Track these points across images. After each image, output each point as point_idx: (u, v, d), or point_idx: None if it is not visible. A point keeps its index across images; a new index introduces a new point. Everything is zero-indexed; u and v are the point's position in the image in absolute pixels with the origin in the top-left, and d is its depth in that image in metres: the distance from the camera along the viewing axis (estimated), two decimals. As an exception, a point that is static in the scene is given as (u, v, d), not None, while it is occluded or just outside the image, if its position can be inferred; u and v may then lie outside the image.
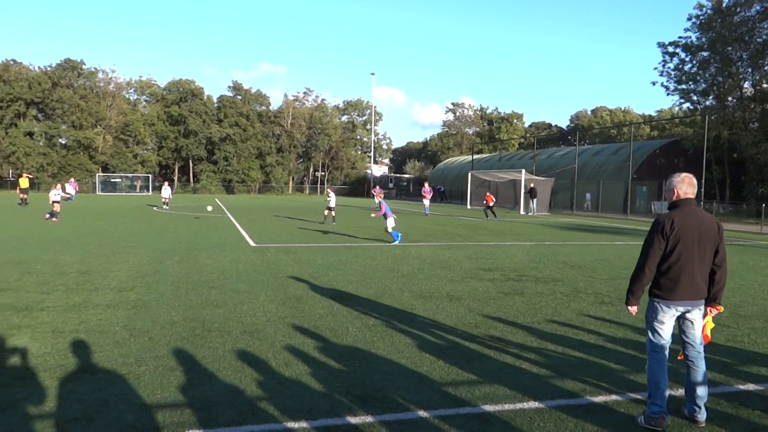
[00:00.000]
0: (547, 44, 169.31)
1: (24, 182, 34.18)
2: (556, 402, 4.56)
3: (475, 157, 61.25)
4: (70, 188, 43.10)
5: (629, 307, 4.33)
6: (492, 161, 57.74)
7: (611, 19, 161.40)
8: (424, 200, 33.30)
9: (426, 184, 34.24)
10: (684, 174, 4.30)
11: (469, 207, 40.19)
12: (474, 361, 5.54)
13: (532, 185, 36.03)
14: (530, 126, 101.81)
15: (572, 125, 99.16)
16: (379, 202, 16.29)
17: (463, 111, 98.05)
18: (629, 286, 4.30)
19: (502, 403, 4.50)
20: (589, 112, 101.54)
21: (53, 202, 23.34)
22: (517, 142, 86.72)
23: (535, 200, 35.65)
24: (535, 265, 12.16)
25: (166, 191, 34.40)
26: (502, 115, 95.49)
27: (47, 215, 22.43)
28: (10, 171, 68.12)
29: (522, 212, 36.37)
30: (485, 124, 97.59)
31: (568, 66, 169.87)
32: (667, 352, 4.25)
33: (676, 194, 4.24)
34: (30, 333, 6.23)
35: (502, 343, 6.18)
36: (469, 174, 44.86)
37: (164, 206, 33.55)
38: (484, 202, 31.25)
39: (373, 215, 18.40)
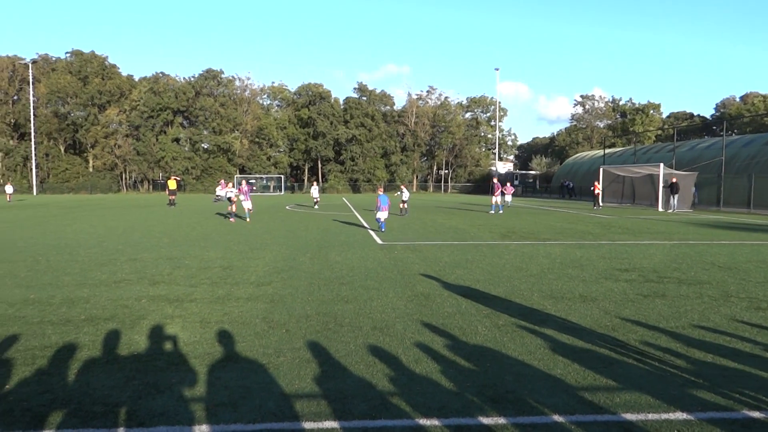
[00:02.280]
0: (686, 28, 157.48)
1: (172, 184, 37.17)
2: (707, 414, 4.20)
3: (607, 151, 58.39)
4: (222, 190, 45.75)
5: None
6: (626, 155, 54.62)
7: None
8: (506, 196, 33.28)
9: (495, 180, 31.52)
10: None
11: (600, 204, 38.24)
12: (612, 366, 5.25)
13: (674, 180, 33.49)
14: (668, 117, 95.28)
15: (718, 114, 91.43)
16: (379, 196, 19.36)
17: (593, 103, 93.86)
18: None
19: (645, 412, 4.22)
20: (737, 99, 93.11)
21: (231, 200, 24.29)
22: (654, 135, 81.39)
23: (676, 196, 33.16)
24: (678, 266, 11.32)
25: (315, 191, 35.47)
26: (637, 106, 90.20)
27: (231, 218, 23.49)
28: (161, 174, 74.76)
29: (660, 209, 34.05)
30: (618, 116, 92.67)
31: (712, 50, 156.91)
32: None
33: None
34: (181, 323, 6.77)
35: (643, 349, 5.80)
36: (601, 169, 42.74)
37: (315, 206, 34.42)
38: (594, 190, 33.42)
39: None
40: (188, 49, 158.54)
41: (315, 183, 37.49)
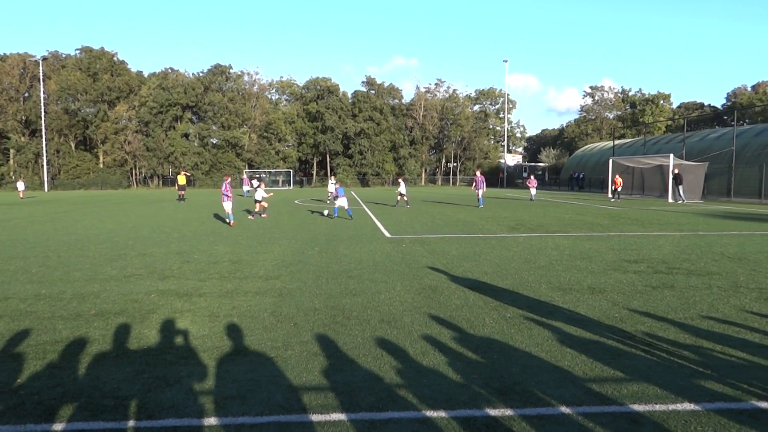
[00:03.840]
0: (696, 15, 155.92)
1: (182, 179, 37.24)
2: (714, 405, 4.19)
3: (617, 142, 58.03)
4: (247, 186, 45.28)
5: None
6: (635, 146, 54.23)
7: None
8: (531, 189, 36.43)
9: (478, 172, 30.58)
10: None
11: (610, 196, 38.07)
12: (620, 358, 5.25)
13: (676, 171, 33.30)
14: (679, 107, 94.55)
15: (729, 104, 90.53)
16: (336, 187, 22.62)
17: (602, 94, 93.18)
18: None
19: (652, 403, 4.22)
20: (749, 89, 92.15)
21: (257, 201, 22.69)
22: (664, 125, 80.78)
23: (680, 187, 32.92)
24: (687, 257, 11.26)
25: (332, 185, 35.31)
26: (647, 96, 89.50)
27: (251, 216, 22.14)
28: (170, 169, 75.02)
29: (670, 200, 33.83)
30: (627, 107, 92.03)
31: (723, 38, 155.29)
32: None
33: None
34: (191, 316, 6.82)
35: (651, 340, 5.79)
36: (610, 160, 42.46)
37: (328, 201, 34.42)
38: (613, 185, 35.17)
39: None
40: (197, 44, 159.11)
41: (332, 177, 37.50)
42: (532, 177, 38.14)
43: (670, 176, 34.48)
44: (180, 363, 5.15)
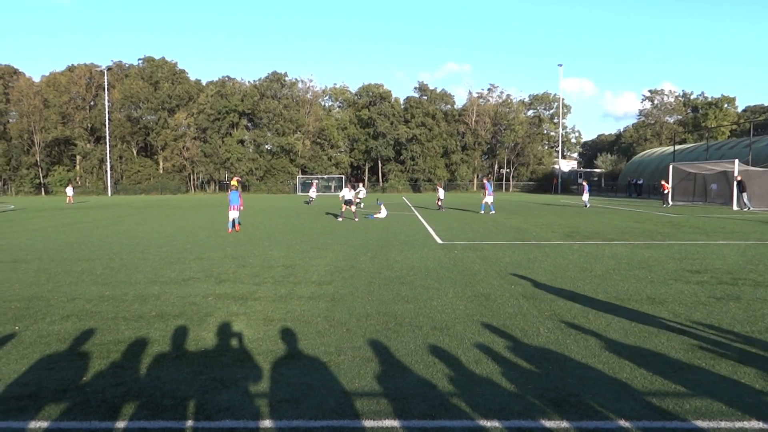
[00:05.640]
0: (762, 17, 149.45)
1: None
2: (786, 424, 3.99)
3: (678, 147, 56.15)
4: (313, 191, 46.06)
5: None
6: (697, 152, 52.33)
7: None
8: (584, 195, 35.19)
9: (485, 180, 30.20)
10: None
11: (670, 202, 36.80)
12: (682, 371, 5.05)
13: (738, 178, 31.94)
14: (744, 110, 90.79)
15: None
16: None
17: (662, 98, 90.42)
18: None
19: (717, 420, 4.04)
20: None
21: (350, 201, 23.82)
22: (728, 130, 77.69)
23: (744, 194, 31.57)
24: (754, 267, 10.76)
25: (361, 192, 35.57)
26: (710, 100, 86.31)
27: (355, 218, 23.52)
28: (226, 175, 76.94)
29: (735, 207, 32.44)
30: (689, 111, 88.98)
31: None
32: None
33: None
34: (246, 320, 6.95)
35: (715, 354, 5.55)
36: (671, 166, 41.07)
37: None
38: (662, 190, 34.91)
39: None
40: (254, 53, 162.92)
41: (362, 185, 37.84)
42: (584, 183, 36.93)
43: (734, 182, 33.13)
44: (236, 365, 5.26)
